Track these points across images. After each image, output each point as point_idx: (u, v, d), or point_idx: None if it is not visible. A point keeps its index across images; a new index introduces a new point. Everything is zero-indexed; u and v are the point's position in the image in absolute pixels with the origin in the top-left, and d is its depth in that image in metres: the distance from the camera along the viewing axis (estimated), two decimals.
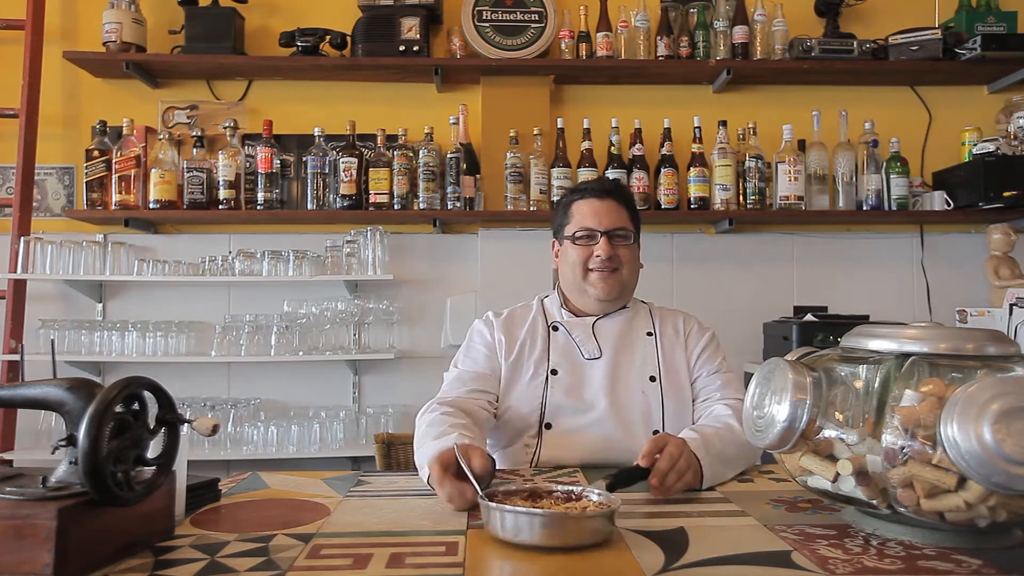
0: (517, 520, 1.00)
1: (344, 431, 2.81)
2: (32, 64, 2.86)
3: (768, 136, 2.93)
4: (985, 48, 2.81)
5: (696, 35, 2.95)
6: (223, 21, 2.90)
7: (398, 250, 2.99)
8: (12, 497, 0.90)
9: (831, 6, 3.00)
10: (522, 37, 2.92)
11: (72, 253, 2.83)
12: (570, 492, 1.12)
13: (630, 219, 1.72)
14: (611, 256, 1.66)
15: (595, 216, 1.69)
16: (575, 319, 1.73)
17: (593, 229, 1.68)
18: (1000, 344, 1.04)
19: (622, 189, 1.81)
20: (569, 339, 1.70)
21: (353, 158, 2.84)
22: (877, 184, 2.91)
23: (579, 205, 1.72)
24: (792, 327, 2.69)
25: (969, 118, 3.05)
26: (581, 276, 1.69)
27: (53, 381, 0.99)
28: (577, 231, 1.69)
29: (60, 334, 2.80)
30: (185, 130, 3.02)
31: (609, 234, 1.67)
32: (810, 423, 1.06)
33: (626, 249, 1.69)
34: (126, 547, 0.97)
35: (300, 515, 1.17)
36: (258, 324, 2.84)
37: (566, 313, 1.74)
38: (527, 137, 2.90)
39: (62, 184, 3.05)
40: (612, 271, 1.67)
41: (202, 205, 2.83)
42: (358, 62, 2.90)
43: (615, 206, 1.70)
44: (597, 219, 1.68)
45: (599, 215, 1.68)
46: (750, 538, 1.06)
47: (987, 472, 0.90)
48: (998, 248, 2.89)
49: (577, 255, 1.68)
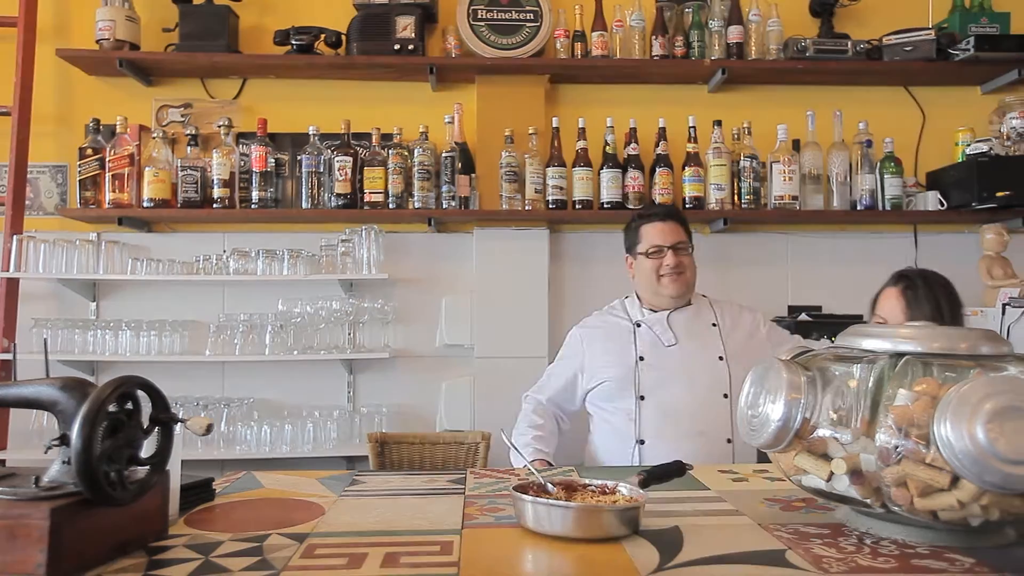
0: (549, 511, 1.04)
1: (338, 430, 2.80)
2: (24, 61, 2.84)
3: (763, 136, 2.93)
4: (978, 49, 2.82)
5: (691, 35, 2.95)
6: (217, 19, 2.89)
7: (393, 249, 2.99)
8: (5, 497, 0.90)
9: (825, 6, 3.00)
10: (517, 36, 2.92)
11: (65, 252, 2.81)
12: (603, 486, 1.16)
13: (687, 234, 2.23)
14: (678, 263, 2.16)
15: (661, 235, 2.19)
16: (653, 315, 2.21)
17: (661, 245, 2.18)
18: (993, 343, 1.05)
19: (679, 212, 2.32)
20: (651, 332, 2.18)
21: (348, 157, 2.83)
22: (871, 184, 2.91)
23: (647, 228, 2.22)
24: (787, 326, 2.69)
25: (962, 118, 3.06)
26: (655, 281, 2.18)
27: (46, 380, 0.99)
28: (649, 248, 2.19)
29: (53, 333, 2.79)
30: (179, 128, 3.00)
31: (674, 247, 2.17)
32: (804, 422, 1.06)
33: (687, 257, 2.20)
34: (119, 547, 0.97)
35: (294, 515, 1.17)
36: (252, 323, 2.83)
37: (645, 311, 2.22)
38: (522, 136, 2.89)
39: (55, 182, 3.03)
40: (679, 274, 2.17)
41: (196, 204, 2.82)
42: (353, 61, 2.89)
43: (675, 226, 2.21)
44: (663, 237, 2.18)
45: (664, 234, 2.19)
46: (745, 537, 1.06)
47: (980, 471, 0.90)
48: (991, 248, 2.91)
49: (650, 265, 2.18)
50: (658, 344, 2.16)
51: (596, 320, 2.30)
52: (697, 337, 2.16)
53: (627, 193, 2.89)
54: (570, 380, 2.23)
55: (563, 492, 1.14)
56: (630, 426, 2.09)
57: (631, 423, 2.09)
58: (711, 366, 2.10)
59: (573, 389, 2.23)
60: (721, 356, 2.12)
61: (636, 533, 1.06)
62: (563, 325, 3.02)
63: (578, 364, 2.22)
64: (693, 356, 2.13)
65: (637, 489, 1.13)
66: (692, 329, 2.18)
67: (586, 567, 0.95)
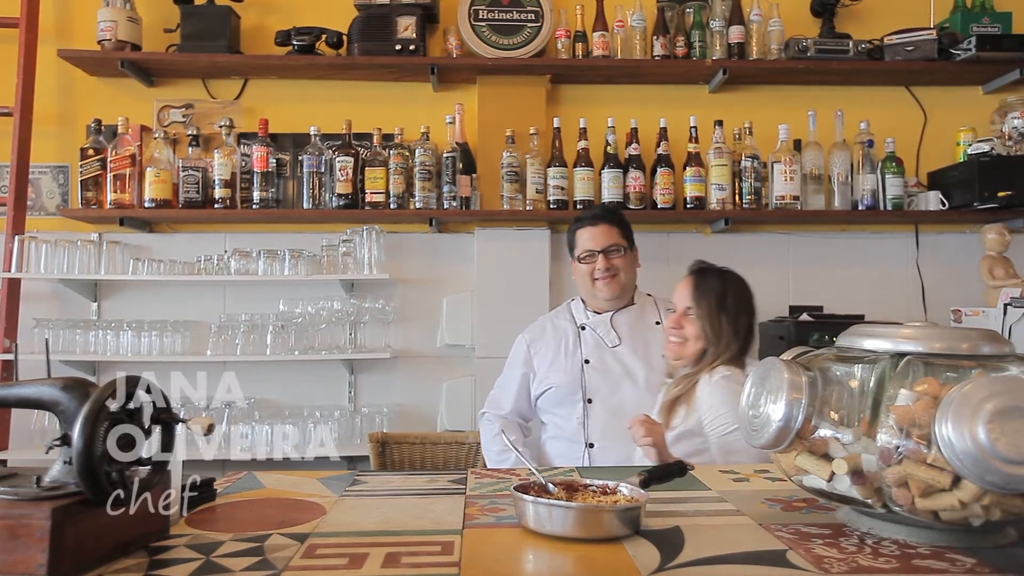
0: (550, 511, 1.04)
1: (339, 430, 2.80)
2: (26, 62, 2.85)
3: (764, 136, 2.93)
4: (980, 49, 2.82)
5: (692, 35, 2.95)
6: (219, 20, 2.89)
7: (394, 249, 2.99)
8: (6, 497, 0.90)
9: (827, 6, 3.00)
10: (518, 36, 2.92)
11: (67, 252, 2.82)
12: (604, 486, 1.16)
13: (621, 235, 2.24)
14: (608, 266, 2.20)
15: (592, 239, 2.22)
16: (596, 317, 2.24)
17: (592, 250, 2.21)
18: (994, 344, 1.05)
19: (612, 213, 2.32)
20: (595, 334, 2.22)
21: (349, 157, 2.83)
22: (872, 184, 2.91)
23: (580, 233, 2.26)
24: (788, 327, 2.70)
25: (964, 118, 3.06)
26: (590, 284, 2.23)
27: (47, 380, 0.99)
28: (581, 253, 2.24)
29: (54, 333, 2.79)
30: (180, 129, 3.01)
31: (605, 251, 2.20)
32: (805, 422, 1.06)
33: (620, 259, 2.22)
34: (121, 547, 0.97)
35: (295, 515, 1.17)
36: (254, 323, 2.83)
37: (590, 313, 2.27)
38: (523, 136, 2.89)
39: (57, 183, 3.04)
40: (612, 277, 2.20)
41: (197, 204, 2.82)
42: (354, 61, 2.89)
43: (607, 228, 2.23)
44: (594, 241, 2.22)
45: (595, 238, 2.22)
46: (746, 537, 1.06)
47: (981, 471, 0.90)
48: (993, 248, 2.90)
49: (585, 270, 2.23)
50: (602, 346, 2.19)
51: (541, 325, 2.33)
52: (640, 336, 2.20)
53: (628, 193, 2.89)
54: (523, 387, 2.25)
55: (564, 492, 1.14)
56: (580, 430, 2.12)
57: (580, 427, 2.12)
58: (655, 365, 2.12)
59: (527, 396, 2.26)
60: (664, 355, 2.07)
61: (637, 533, 1.05)
62: None
63: (528, 370, 2.26)
64: (637, 356, 2.16)
65: (638, 489, 1.13)
66: (636, 329, 2.22)
67: (587, 567, 0.95)
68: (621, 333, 2.20)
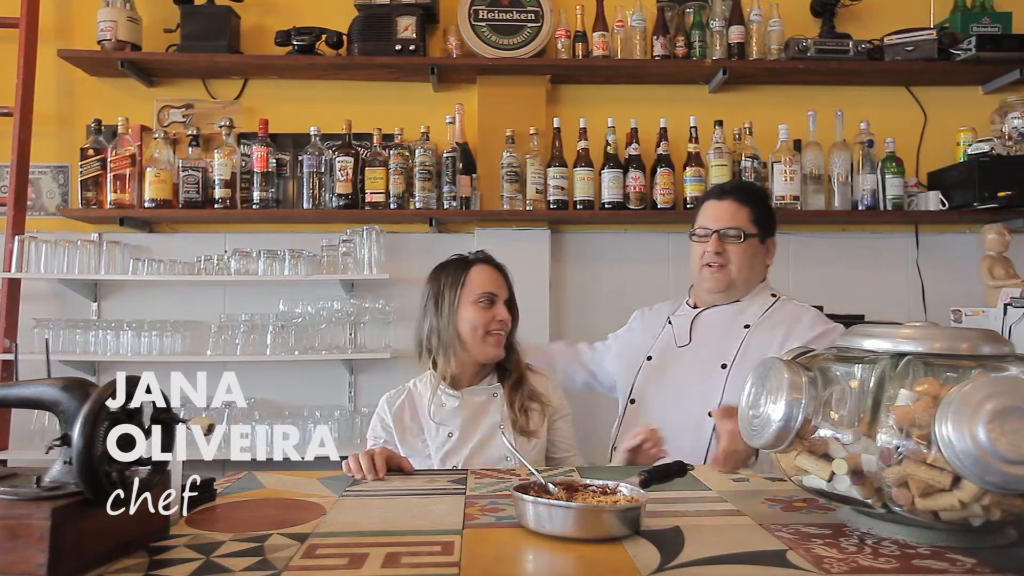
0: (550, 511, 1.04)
1: (339, 430, 2.80)
2: (26, 62, 2.84)
3: (764, 136, 2.93)
4: (980, 49, 2.82)
5: (692, 35, 2.95)
6: (219, 20, 2.89)
7: (394, 249, 2.99)
8: (6, 497, 0.90)
9: (827, 6, 3.00)
10: (518, 37, 2.92)
11: (67, 252, 2.81)
12: (604, 486, 1.16)
13: (750, 219, 1.84)
14: (719, 252, 1.81)
15: (711, 216, 1.85)
16: (687, 311, 1.90)
17: (707, 227, 1.84)
18: (994, 344, 1.05)
19: (745, 189, 1.94)
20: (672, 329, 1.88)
21: (349, 157, 2.83)
22: (872, 184, 2.91)
23: (704, 206, 1.89)
24: None
25: (964, 118, 3.05)
26: (697, 270, 1.86)
27: (47, 381, 0.99)
28: (696, 229, 1.87)
29: (54, 333, 2.79)
30: (180, 129, 3.01)
31: (721, 233, 1.82)
32: (805, 422, 1.06)
33: (736, 247, 1.82)
34: (121, 547, 0.97)
35: (295, 515, 1.17)
36: (254, 323, 2.83)
37: (687, 306, 1.92)
38: (523, 137, 2.89)
39: (57, 183, 3.04)
40: (720, 267, 1.82)
41: (197, 204, 2.82)
42: (354, 61, 2.89)
43: (732, 205, 1.84)
44: (713, 218, 1.84)
45: (715, 215, 1.84)
46: (746, 537, 1.06)
47: (981, 471, 0.90)
48: (993, 248, 2.90)
49: (696, 251, 1.86)
50: (671, 344, 1.88)
51: (656, 306, 2.05)
52: (715, 339, 1.82)
53: (628, 193, 2.88)
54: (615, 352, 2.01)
55: (564, 492, 1.14)
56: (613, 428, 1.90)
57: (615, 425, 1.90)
58: (710, 376, 1.78)
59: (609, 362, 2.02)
60: (725, 364, 1.77)
61: (637, 533, 1.05)
62: (564, 325, 3.02)
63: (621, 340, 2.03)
64: (697, 362, 1.81)
65: (638, 489, 1.13)
66: (717, 329, 1.84)
67: (587, 567, 0.95)
68: (697, 332, 1.84)
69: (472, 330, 1.71)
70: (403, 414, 1.74)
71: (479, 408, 1.73)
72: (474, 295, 1.72)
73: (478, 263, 1.79)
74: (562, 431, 1.80)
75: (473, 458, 1.67)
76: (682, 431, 1.70)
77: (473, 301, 1.72)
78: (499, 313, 1.72)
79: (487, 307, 1.72)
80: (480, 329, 1.71)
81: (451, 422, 1.71)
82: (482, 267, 1.78)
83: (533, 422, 1.71)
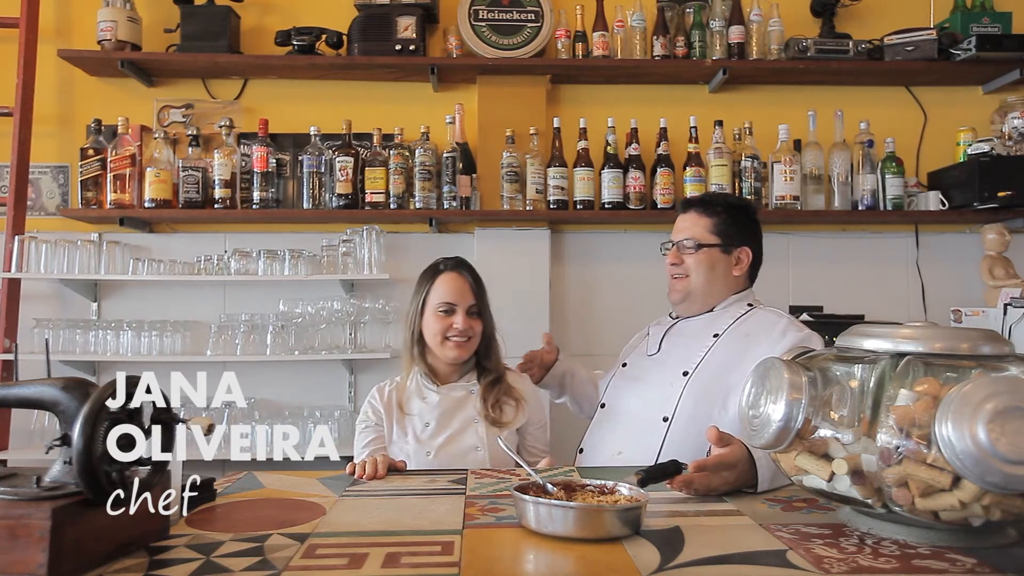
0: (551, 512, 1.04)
1: (339, 431, 2.80)
2: (26, 62, 2.84)
3: (764, 136, 2.93)
4: (980, 49, 2.82)
5: (692, 35, 2.95)
6: (219, 20, 2.89)
7: (394, 249, 2.99)
8: (6, 497, 0.90)
9: (827, 6, 3.00)
10: (518, 37, 2.92)
11: (67, 252, 2.81)
12: (602, 486, 1.16)
13: (710, 229, 1.87)
14: (674, 263, 1.88)
15: (675, 227, 1.93)
16: (667, 321, 1.96)
17: (670, 240, 1.92)
18: (994, 344, 1.05)
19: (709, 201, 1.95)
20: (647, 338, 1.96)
21: (349, 157, 2.83)
22: (872, 184, 2.91)
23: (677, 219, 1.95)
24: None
25: (964, 118, 3.05)
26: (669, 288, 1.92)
27: (47, 381, 0.99)
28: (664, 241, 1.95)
29: (54, 333, 2.79)
30: (180, 129, 3.01)
31: (678, 244, 1.89)
32: (805, 422, 1.06)
33: (691, 257, 1.86)
34: (121, 547, 0.97)
35: (295, 515, 1.17)
36: (254, 324, 2.83)
37: (669, 317, 1.97)
38: (523, 137, 2.89)
39: (57, 183, 3.04)
40: (681, 278, 1.88)
41: (197, 204, 2.82)
42: (354, 61, 2.89)
43: (693, 217, 1.90)
44: (675, 230, 1.92)
45: (678, 226, 1.92)
46: (746, 537, 1.06)
47: (982, 471, 0.90)
48: (992, 248, 2.90)
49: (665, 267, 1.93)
50: (643, 352, 1.94)
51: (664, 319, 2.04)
52: (682, 348, 1.83)
53: (628, 193, 2.89)
54: None
55: (563, 492, 1.14)
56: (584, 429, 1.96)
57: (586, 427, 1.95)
58: (670, 382, 1.77)
59: None
60: (687, 371, 1.76)
61: (637, 533, 1.05)
62: (564, 325, 3.02)
63: None
64: (662, 369, 1.83)
65: (638, 489, 1.13)
66: (686, 339, 1.85)
67: (587, 567, 0.95)
68: (669, 341, 1.87)
69: (432, 336, 1.86)
70: (391, 403, 1.88)
71: (456, 403, 1.86)
72: (433, 304, 1.87)
73: (445, 272, 1.91)
74: (535, 436, 1.92)
75: (446, 446, 1.80)
76: (640, 433, 1.76)
77: (433, 310, 1.86)
78: (456, 321, 1.84)
79: (445, 316, 1.85)
80: (439, 336, 1.84)
81: (429, 414, 1.84)
82: (447, 276, 1.89)
83: (506, 415, 1.84)
